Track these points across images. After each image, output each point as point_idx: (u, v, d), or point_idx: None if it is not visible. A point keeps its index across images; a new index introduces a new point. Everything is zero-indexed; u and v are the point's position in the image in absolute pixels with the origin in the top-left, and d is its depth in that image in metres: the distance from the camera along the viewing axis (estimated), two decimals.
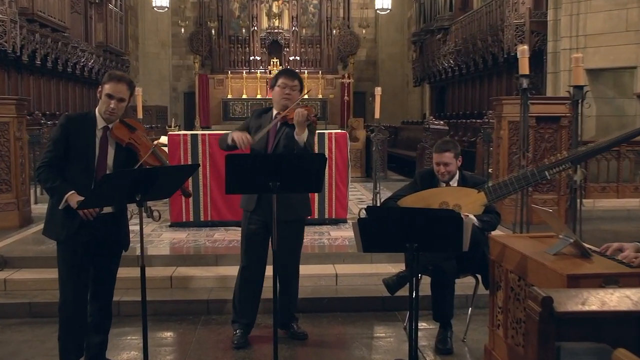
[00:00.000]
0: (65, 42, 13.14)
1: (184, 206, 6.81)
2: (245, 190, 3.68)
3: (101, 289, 3.56)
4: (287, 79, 3.94)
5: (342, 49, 22.05)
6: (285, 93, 3.92)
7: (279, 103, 3.94)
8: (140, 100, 7.90)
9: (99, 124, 3.39)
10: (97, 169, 3.35)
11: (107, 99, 3.34)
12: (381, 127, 8.06)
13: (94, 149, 3.36)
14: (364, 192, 10.09)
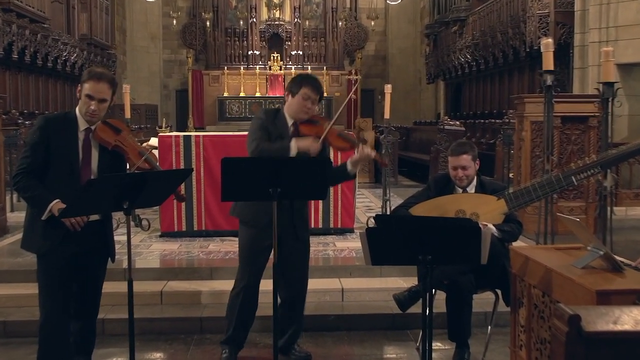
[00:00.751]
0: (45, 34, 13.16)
1: (176, 214, 6.81)
2: (243, 197, 3.65)
3: (85, 306, 3.55)
4: (313, 92, 3.85)
5: (349, 42, 22.11)
6: (307, 107, 3.86)
7: (297, 114, 3.87)
8: (128, 99, 7.92)
9: (80, 125, 3.38)
10: (81, 174, 3.35)
11: (87, 100, 3.34)
12: (391, 128, 8.06)
13: (77, 152, 3.35)
14: (372, 199, 10.08)
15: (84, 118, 3.38)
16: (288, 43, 21.40)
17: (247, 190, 3.45)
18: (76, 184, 3.32)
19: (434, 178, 4.44)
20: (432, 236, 2.94)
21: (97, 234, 3.44)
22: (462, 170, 4.14)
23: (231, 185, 3.37)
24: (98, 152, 3.41)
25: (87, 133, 3.40)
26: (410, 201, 4.25)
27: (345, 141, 3.86)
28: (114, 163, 3.44)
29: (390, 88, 7.65)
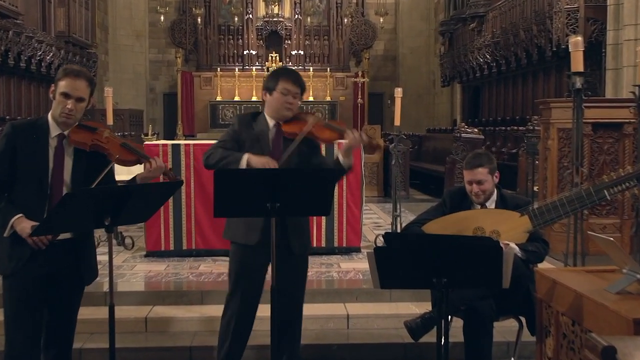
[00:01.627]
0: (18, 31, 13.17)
1: (163, 232, 6.81)
2: (238, 212, 3.64)
3: (58, 334, 3.51)
4: (292, 85, 3.85)
5: (355, 41, 22.18)
6: (288, 102, 3.85)
7: (279, 113, 3.87)
8: (111, 103, 7.93)
9: (52, 131, 3.36)
10: (51, 187, 3.33)
11: (62, 99, 3.32)
12: (402, 136, 8.07)
13: (47, 162, 3.33)
14: (381, 215, 10.07)
15: (58, 120, 3.35)
16: (288, 42, 21.47)
17: (243, 206, 3.45)
18: (45, 197, 3.30)
19: (449, 192, 4.44)
20: (448, 256, 2.93)
21: (68, 254, 3.39)
22: (478, 185, 4.14)
23: (225, 199, 3.37)
24: (72, 161, 3.38)
25: (60, 139, 3.37)
26: (423, 217, 4.25)
27: (333, 130, 3.85)
28: (89, 170, 3.40)
29: (401, 92, 7.65)
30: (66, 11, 15.70)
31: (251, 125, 3.91)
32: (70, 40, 15.88)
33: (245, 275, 3.95)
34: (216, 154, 3.79)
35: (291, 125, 3.85)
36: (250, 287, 3.96)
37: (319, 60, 21.65)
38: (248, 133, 3.87)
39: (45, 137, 3.36)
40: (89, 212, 3.12)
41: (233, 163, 3.71)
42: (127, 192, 3.18)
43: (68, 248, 3.39)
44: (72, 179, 3.38)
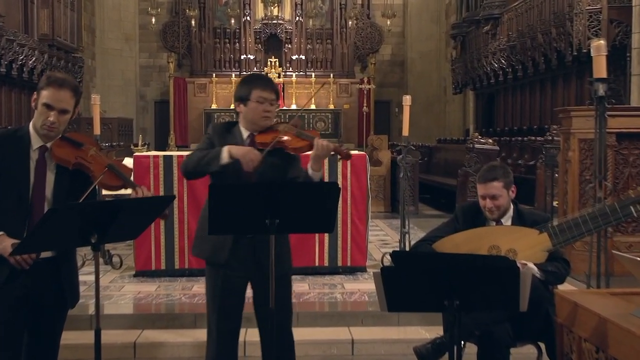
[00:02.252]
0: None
1: (154, 250, 6.81)
2: (234, 229, 3.63)
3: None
4: (267, 91, 3.82)
5: (360, 45, 22.28)
6: (265, 110, 3.81)
7: (257, 123, 3.82)
8: (98, 112, 7.95)
9: (33, 143, 3.35)
10: (32, 203, 3.32)
11: (44, 110, 3.30)
12: (411, 147, 8.08)
13: (28, 176, 3.32)
14: (388, 231, 10.06)
15: (39, 133, 3.34)
16: (288, 46, 21.56)
17: (239, 222, 3.45)
18: (25, 214, 3.29)
19: (462, 207, 4.43)
20: (461, 277, 2.92)
21: (50, 274, 3.38)
22: (492, 200, 4.13)
23: (220, 215, 3.37)
24: (54, 176, 3.37)
25: (42, 152, 3.36)
26: (433, 235, 4.24)
27: (303, 139, 3.81)
28: (73, 186, 3.39)
29: (410, 99, 7.66)
30: (50, 13, 15.69)
31: (225, 136, 3.87)
32: (54, 44, 15.91)
33: (220, 296, 3.88)
34: (193, 157, 3.76)
35: (264, 135, 3.81)
36: (226, 309, 3.89)
37: (321, 65, 21.74)
38: (221, 141, 3.83)
39: (26, 149, 3.34)
40: (74, 228, 3.11)
41: (213, 159, 3.67)
42: (115, 208, 3.16)
43: (50, 267, 3.38)
44: (54, 196, 3.36)
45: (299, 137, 3.81)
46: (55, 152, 3.35)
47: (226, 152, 3.66)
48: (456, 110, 21.15)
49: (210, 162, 3.67)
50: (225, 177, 3.72)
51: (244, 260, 3.78)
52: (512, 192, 4.20)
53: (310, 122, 20.26)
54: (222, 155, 3.65)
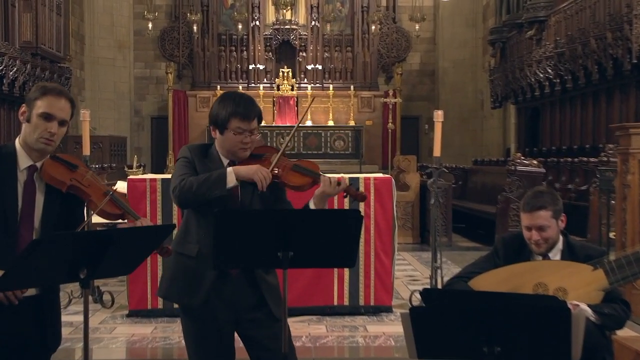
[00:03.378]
0: None
1: (150, 286, 6.82)
2: (242, 262, 3.63)
3: None
4: (243, 122, 3.75)
5: (385, 53, 22.34)
6: (243, 142, 3.76)
7: (234, 155, 3.80)
8: (87, 129, 7.98)
9: (21, 162, 3.39)
10: (20, 229, 3.35)
11: (42, 121, 3.33)
12: (443, 170, 8.08)
13: (15, 199, 3.35)
14: (417, 266, 10.04)
15: (34, 147, 3.37)
16: (303, 54, 21.63)
17: (248, 254, 3.46)
18: (12, 244, 3.31)
19: (502, 239, 4.42)
20: (502, 320, 2.91)
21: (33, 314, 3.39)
22: (539, 231, 4.11)
23: (227, 246, 3.39)
24: (44, 198, 3.40)
25: (31, 172, 3.39)
26: (470, 270, 4.23)
27: (304, 175, 3.78)
28: (63, 211, 3.42)
29: (442, 115, 7.67)
30: (33, 17, 15.69)
31: (203, 160, 3.84)
32: (38, 53, 15.97)
33: (202, 347, 3.82)
34: (189, 183, 3.66)
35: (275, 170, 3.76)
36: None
37: (340, 76, 21.79)
38: (202, 166, 3.80)
39: (12, 169, 3.37)
40: (60, 262, 3.10)
41: (217, 183, 3.62)
42: (107, 238, 3.17)
43: (32, 307, 3.39)
44: (43, 222, 3.39)
45: (298, 172, 3.77)
46: (48, 171, 3.38)
47: (232, 174, 3.63)
48: (495, 127, 21.11)
49: (214, 186, 3.62)
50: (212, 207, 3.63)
51: (229, 301, 3.72)
52: (561, 221, 4.18)
53: (328, 140, 20.28)
54: (228, 177, 3.62)
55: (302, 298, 6.79)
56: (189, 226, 3.79)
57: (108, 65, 21.56)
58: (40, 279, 3.22)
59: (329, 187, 3.70)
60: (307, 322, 6.71)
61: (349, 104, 20.81)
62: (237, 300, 3.71)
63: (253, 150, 3.83)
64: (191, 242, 3.74)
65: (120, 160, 18.06)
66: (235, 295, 3.70)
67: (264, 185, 3.59)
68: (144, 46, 22.22)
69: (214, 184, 3.62)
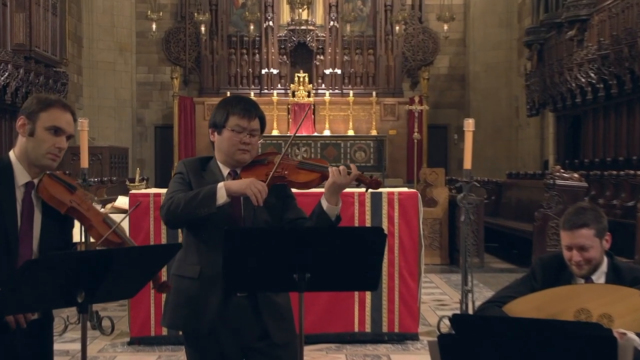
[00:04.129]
0: None
1: (154, 311, 6.83)
2: (255, 285, 3.64)
3: None
4: (243, 119, 3.84)
5: (411, 56, 22.36)
6: (242, 142, 3.82)
7: (232, 157, 3.84)
8: (86, 139, 8.02)
9: (19, 177, 3.42)
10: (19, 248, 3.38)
11: (49, 136, 3.38)
12: (474, 184, 8.05)
13: (15, 216, 3.39)
14: (446, 289, 10.02)
15: (39, 162, 3.41)
16: (320, 57, 21.66)
17: (261, 277, 3.46)
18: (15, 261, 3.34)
19: (540, 260, 4.40)
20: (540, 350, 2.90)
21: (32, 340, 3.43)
22: (580, 251, 4.09)
23: (237, 268, 3.39)
24: (41, 218, 3.44)
25: (29, 189, 3.43)
26: (504, 294, 4.22)
27: (311, 172, 3.80)
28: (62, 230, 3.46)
29: (473, 123, 7.67)
30: (27, 18, 15.67)
31: (201, 174, 3.87)
32: (31, 56, 16.00)
33: None
34: (176, 200, 3.68)
35: (251, 172, 3.81)
36: None
37: (361, 81, 21.80)
38: (198, 182, 3.82)
39: (10, 184, 3.41)
40: (56, 285, 3.11)
41: (206, 200, 3.61)
42: (108, 258, 3.18)
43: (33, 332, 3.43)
44: (41, 242, 3.43)
45: (304, 170, 3.80)
46: (48, 190, 3.42)
47: (223, 189, 3.63)
48: (532, 137, 21.04)
49: (202, 203, 3.62)
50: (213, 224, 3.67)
51: (234, 329, 3.74)
52: (605, 241, 4.16)
53: (348, 151, 20.27)
54: (218, 193, 3.62)
55: (320, 324, 6.79)
56: (189, 245, 3.80)
57: (108, 70, 21.67)
58: (34, 303, 3.23)
59: (339, 177, 3.70)
60: (324, 351, 6.71)
61: (371, 112, 20.82)
62: (241, 328, 3.73)
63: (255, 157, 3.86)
64: (192, 263, 3.75)
65: (121, 173, 18.12)
66: (239, 322, 3.72)
67: (259, 200, 3.58)
68: (147, 49, 22.31)
69: (202, 201, 3.62)
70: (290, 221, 3.87)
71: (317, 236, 3.51)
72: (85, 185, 7.09)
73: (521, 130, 21.73)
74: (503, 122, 22.07)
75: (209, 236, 3.66)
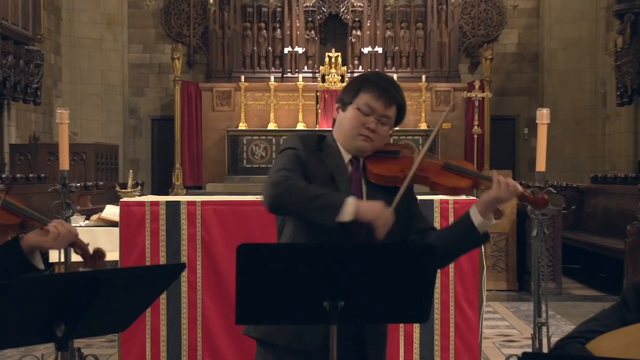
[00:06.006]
0: None
1: (150, 346, 6.86)
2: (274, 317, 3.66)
3: None
4: (377, 100, 3.89)
5: (470, 31, 22.28)
6: (367, 126, 3.88)
7: (351, 142, 3.93)
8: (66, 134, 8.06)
9: None
10: None
11: None
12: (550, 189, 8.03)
13: None
14: (514, 321, 10.01)
15: None
16: (357, 33, 21.60)
17: (282, 304, 3.47)
18: None
19: (634, 285, 4.37)
20: None
21: None
22: None
23: (254, 294, 3.41)
24: None
25: None
26: (588, 328, 4.19)
27: (462, 176, 3.87)
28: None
29: (548, 114, 7.64)
30: None
31: (318, 154, 3.95)
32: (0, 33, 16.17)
33: None
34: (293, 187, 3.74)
35: (383, 166, 3.89)
36: None
37: (408, 62, 21.73)
38: (316, 164, 3.91)
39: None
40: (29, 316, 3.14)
41: (329, 210, 3.69)
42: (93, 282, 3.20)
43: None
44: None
45: (453, 172, 3.88)
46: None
47: (351, 208, 3.68)
48: (622, 132, 20.88)
49: (321, 211, 3.70)
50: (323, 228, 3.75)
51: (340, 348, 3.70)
52: None
53: None
54: (345, 210, 3.68)
55: None
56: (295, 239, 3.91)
57: (93, 48, 21.66)
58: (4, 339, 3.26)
59: (505, 192, 3.77)
60: None
61: (420, 100, 20.75)
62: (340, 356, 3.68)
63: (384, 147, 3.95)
64: None
65: (111, 177, 18.16)
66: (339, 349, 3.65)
67: (382, 234, 3.67)
68: (142, 22, 22.35)
69: (323, 209, 3.71)
70: (419, 232, 3.96)
71: (354, 254, 3.50)
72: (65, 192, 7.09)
73: (609, 123, 21.57)
74: (586, 112, 21.93)
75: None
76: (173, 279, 3.57)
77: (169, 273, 3.75)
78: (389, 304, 3.53)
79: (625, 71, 19.00)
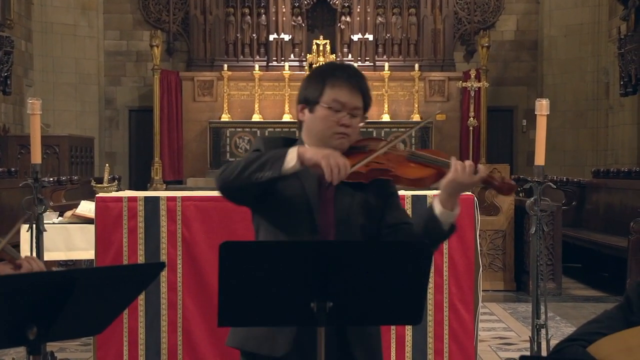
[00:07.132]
0: None
1: (127, 349, 6.86)
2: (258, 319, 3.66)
3: None
4: (342, 92, 3.90)
5: (465, 17, 22.31)
6: (340, 123, 3.88)
7: (327, 143, 3.88)
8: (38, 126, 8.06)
9: None
10: None
11: None
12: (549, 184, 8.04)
13: None
14: (511, 323, 10.05)
15: None
16: (346, 19, 21.61)
17: (267, 306, 3.47)
18: None
19: (638, 286, 4.40)
20: None
21: None
22: None
23: (237, 294, 3.41)
24: None
25: None
26: (591, 330, 4.20)
27: (425, 166, 3.86)
28: None
29: (547, 105, 7.65)
30: None
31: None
32: None
33: None
34: (236, 163, 3.78)
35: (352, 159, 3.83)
36: None
37: (400, 51, 21.75)
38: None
39: None
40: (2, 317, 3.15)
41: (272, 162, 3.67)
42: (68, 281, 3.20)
43: None
44: None
45: (415, 162, 3.87)
46: None
47: (295, 152, 3.67)
48: (627, 123, 20.91)
49: (265, 165, 3.68)
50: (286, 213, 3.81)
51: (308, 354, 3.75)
52: None
53: None
54: (288, 156, 3.67)
55: None
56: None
57: (67, 35, 21.63)
58: None
59: (463, 175, 3.77)
60: None
61: (413, 91, 20.79)
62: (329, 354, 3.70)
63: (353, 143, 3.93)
64: None
65: (85, 171, 18.12)
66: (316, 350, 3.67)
67: (334, 177, 3.60)
68: (119, 7, 22.31)
69: (268, 163, 3.68)
70: (390, 227, 3.96)
71: (343, 251, 3.50)
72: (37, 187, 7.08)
73: (612, 115, 21.61)
74: (588, 103, 21.97)
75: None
76: (152, 278, 3.57)
77: (148, 273, 3.75)
78: (379, 306, 3.53)
79: (630, 59, 19.01)
